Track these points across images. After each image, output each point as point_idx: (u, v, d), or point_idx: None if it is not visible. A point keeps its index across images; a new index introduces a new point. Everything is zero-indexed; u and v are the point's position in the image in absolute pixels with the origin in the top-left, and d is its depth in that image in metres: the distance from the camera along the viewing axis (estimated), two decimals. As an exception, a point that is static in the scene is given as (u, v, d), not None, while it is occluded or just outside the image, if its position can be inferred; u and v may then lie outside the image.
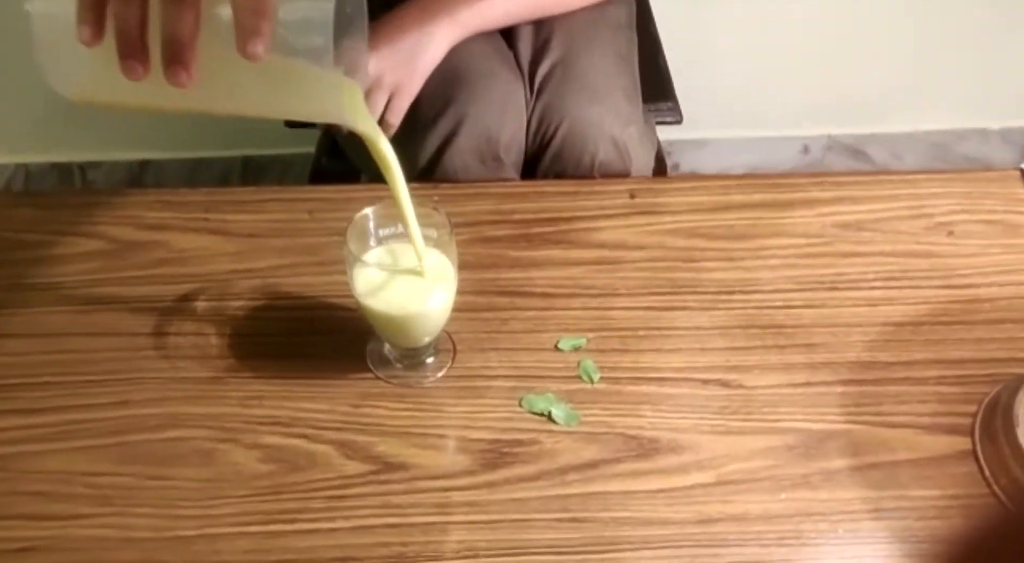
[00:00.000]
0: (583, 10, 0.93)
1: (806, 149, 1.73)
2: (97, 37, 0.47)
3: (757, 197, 0.83)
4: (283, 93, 0.52)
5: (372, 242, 0.64)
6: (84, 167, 1.66)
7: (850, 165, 1.74)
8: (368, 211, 0.64)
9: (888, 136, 1.74)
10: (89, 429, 0.64)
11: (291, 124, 1.07)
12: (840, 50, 1.60)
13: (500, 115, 0.85)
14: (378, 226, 0.65)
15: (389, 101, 0.85)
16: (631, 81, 0.92)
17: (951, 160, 1.76)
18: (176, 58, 0.46)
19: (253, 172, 1.69)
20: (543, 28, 0.92)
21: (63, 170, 1.66)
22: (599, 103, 0.85)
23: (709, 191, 0.84)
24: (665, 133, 1.08)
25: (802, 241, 0.79)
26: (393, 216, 0.63)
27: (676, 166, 1.71)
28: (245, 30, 0.45)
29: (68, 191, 0.84)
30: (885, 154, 1.75)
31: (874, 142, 1.74)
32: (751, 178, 0.87)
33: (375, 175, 1.01)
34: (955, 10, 1.55)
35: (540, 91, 0.87)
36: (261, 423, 0.65)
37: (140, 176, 1.66)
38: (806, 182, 0.85)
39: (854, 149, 1.74)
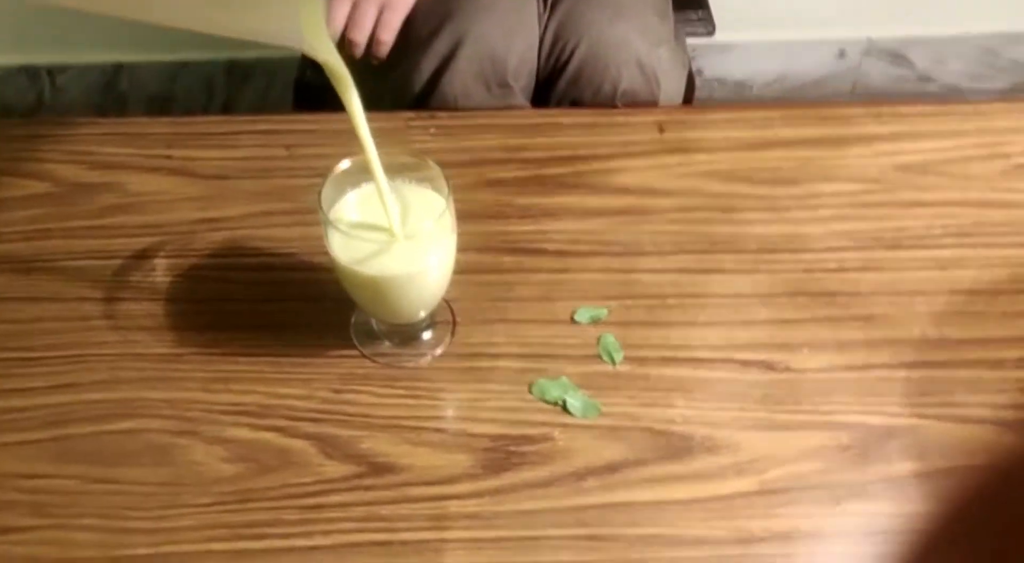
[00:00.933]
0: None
1: (842, 54, 1.57)
2: None
3: (806, 132, 0.72)
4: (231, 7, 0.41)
5: (352, 199, 0.53)
6: (53, 70, 1.52)
7: (890, 72, 1.59)
8: (348, 162, 0.53)
9: (931, 39, 1.58)
10: (23, 420, 0.55)
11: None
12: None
13: (508, 32, 0.72)
14: (361, 179, 0.54)
15: (379, 15, 0.72)
16: (662, -9, 0.78)
17: (1000, 65, 1.61)
18: None
19: (238, 77, 1.55)
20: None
21: (30, 73, 1.52)
22: (624, 19, 0.72)
23: (750, 124, 0.72)
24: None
25: (858, 187, 0.68)
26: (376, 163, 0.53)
27: (699, 71, 1.56)
28: None
29: (7, 123, 0.72)
30: (928, 59, 1.60)
31: (916, 46, 1.58)
32: (798, 107, 0.75)
33: (367, 88, 0.89)
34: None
35: (556, 4, 0.73)
36: (226, 412, 0.55)
37: (114, 81, 1.53)
38: (862, 113, 0.73)
39: (894, 54, 1.59)
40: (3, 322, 0.59)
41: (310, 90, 1.01)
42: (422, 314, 0.56)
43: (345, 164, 0.52)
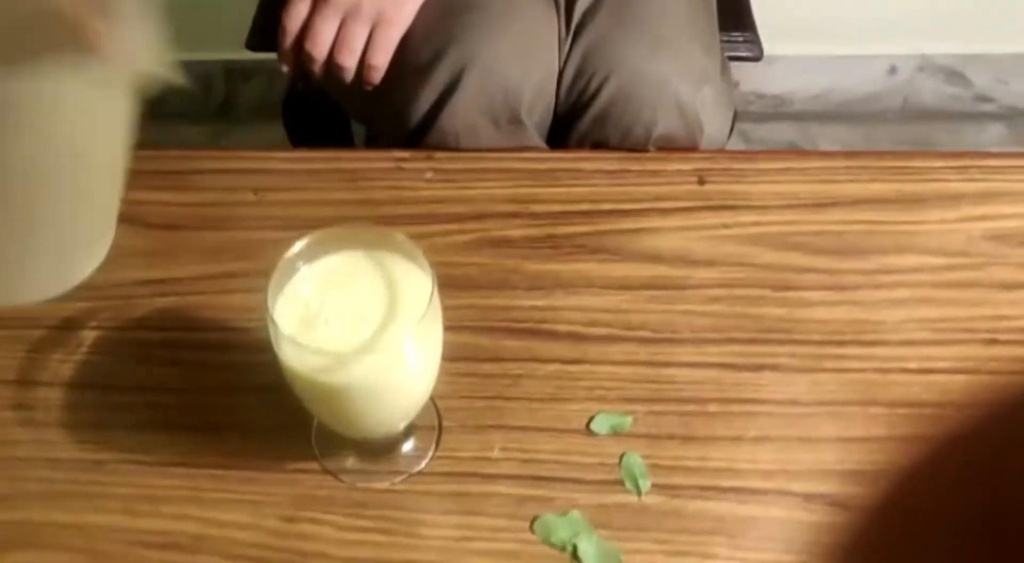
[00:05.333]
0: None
1: (893, 70, 1.45)
2: None
3: (875, 188, 0.60)
4: None
5: (306, 289, 0.42)
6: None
7: (945, 91, 1.46)
8: (299, 245, 0.41)
9: (991, 57, 1.46)
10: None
11: (252, 44, 0.83)
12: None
13: (523, 58, 0.60)
14: (317, 256, 0.42)
15: (371, 34, 0.61)
16: (708, 22, 0.66)
17: (1064, 87, 1.48)
18: None
19: (237, 79, 1.45)
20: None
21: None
22: (665, 53, 0.61)
23: (808, 176, 0.60)
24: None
25: (941, 261, 0.56)
26: (340, 240, 0.41)
27: (736, 84, 1.44)
28: None
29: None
30: (987, 78, 1.47)
31: (975, 63, 1.46)
32: (864, 158, 0.62)
33: (358, 114, 0.78)
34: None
35: (581, 28, 0.62)
36: (151, 545, 0.44)
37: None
38: (942, 165, 0.61)
39: (950, 71, 1.46)
40: None
41: (300, 105, 0.90)
42: (401, 426, 0.45)
43: (297, 245, 0.41)
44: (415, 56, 0.62)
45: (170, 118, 0.96)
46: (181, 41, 0.36)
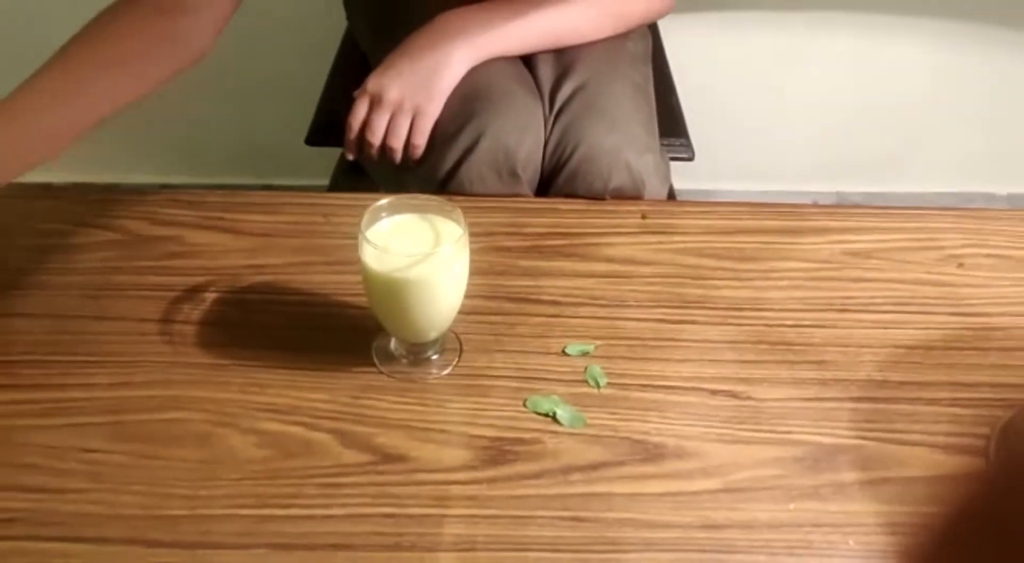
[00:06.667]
0: (602, 41, 0.95)
1: (815, 205, 1.73)
2: None
3: (767, 223, 0.84)
4: None
5: (385, 225, 0.64)
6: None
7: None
8: (384, 201, 0.64)
9: (897, 195, 1.76)
10: (85, 407, 0.63)
11: (311, 140, 1.08)
12: (852, 112, 1.62)
13: (519, 132, 0.85)
14: (393, 212, 0.65)
15: (412, 123, 0.86)
16: (648, 112, 0.93)
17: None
18: None
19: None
20: (564, 55, 0.93)
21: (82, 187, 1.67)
22: (617, 131, 0.86)
23: (720, 215, 0.84)
24: (672, 180, 1.08)
25: (811, 265, 0.79)
26: (407, 205, 0.64)
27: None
28: None
29: (87, 187, 0.85)
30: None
31: (882, 201, 1.75)
32: (762, 206, 0.87)
33: (391, 185, 1.02)
34: (966, 75, 1.58)
35: (559, 115, 0.88)
36: (260, 410, 0.64)
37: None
38: (816, 211, 0.86)
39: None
40: (72, 333, 0.69)
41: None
42: (433, 335, 0.66)
43: (383, 201, 0.64)
44: (443, 130, 0.87)
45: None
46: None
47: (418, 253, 0.61)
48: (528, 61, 0.94)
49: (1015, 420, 0.63)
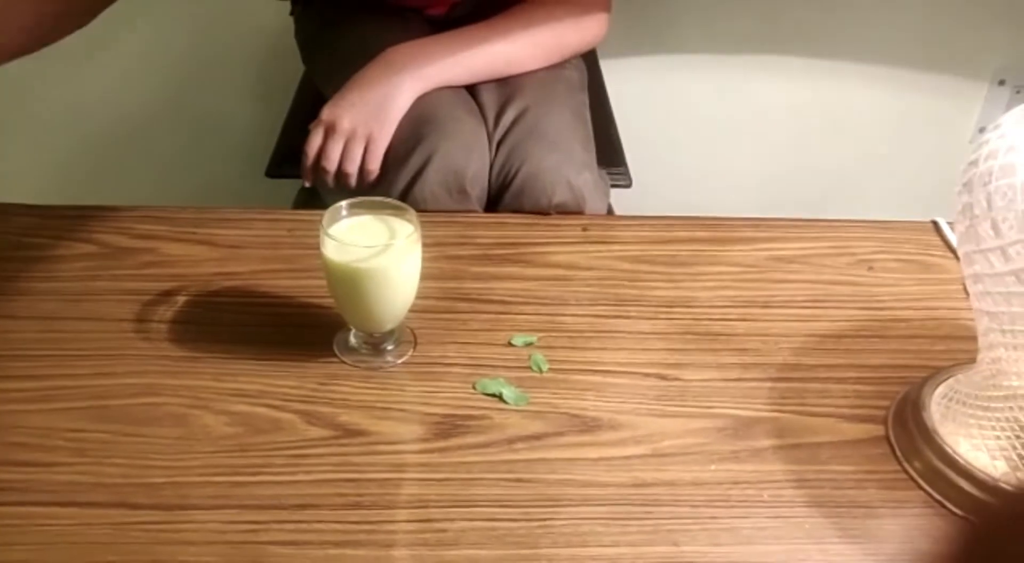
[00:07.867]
0: (541, 70, 1.04)
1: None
2: None
3: (699, 234, 0.92)
4: None
5: (344, 224, 0.71)
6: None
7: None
8: (343, 203, 0.71)
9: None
10: (71, 394, 0.69)
11: (271, 172, 1.15)
12: (790, 152, 1.74)
13: (466, 153, 0.93)
14: (352, 213, 0.72)
15: (366, 149, 0.94)
16: (585, 134, 1.02)
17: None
18: None
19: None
20: (506, 84, 1.02)
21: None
22: (557, 151, 0.95)
23: (656, 227, 0.93)
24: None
25: (738, 269, 0.87)
26: (365, 206, 0.71)
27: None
28: None
29: (64, 206, 0.91)
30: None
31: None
32: (695, 219, 0.95)
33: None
34: (909, 116, 1.70)
35: (503, 138, 0.96)
36: (232, 395, 0.69)
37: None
38: (743, 224, 0.94)
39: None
40: (57, 331, 0.74)
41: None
42: (389, 325, 0.73)
43: (343, 202, 0.71)
44: (395, 154, 0.95)
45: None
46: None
47: (375, 245, 0.68)
48: (472, 90, 1.02)
49: (910, 393, 0.71)
